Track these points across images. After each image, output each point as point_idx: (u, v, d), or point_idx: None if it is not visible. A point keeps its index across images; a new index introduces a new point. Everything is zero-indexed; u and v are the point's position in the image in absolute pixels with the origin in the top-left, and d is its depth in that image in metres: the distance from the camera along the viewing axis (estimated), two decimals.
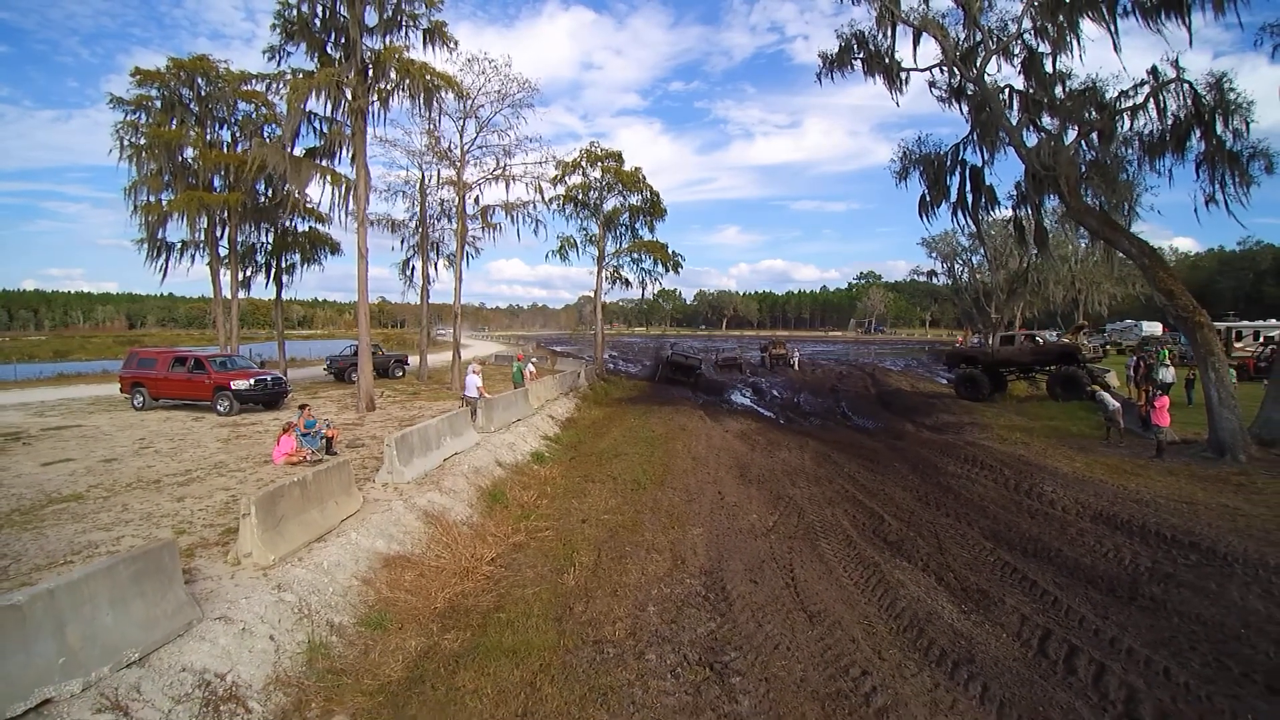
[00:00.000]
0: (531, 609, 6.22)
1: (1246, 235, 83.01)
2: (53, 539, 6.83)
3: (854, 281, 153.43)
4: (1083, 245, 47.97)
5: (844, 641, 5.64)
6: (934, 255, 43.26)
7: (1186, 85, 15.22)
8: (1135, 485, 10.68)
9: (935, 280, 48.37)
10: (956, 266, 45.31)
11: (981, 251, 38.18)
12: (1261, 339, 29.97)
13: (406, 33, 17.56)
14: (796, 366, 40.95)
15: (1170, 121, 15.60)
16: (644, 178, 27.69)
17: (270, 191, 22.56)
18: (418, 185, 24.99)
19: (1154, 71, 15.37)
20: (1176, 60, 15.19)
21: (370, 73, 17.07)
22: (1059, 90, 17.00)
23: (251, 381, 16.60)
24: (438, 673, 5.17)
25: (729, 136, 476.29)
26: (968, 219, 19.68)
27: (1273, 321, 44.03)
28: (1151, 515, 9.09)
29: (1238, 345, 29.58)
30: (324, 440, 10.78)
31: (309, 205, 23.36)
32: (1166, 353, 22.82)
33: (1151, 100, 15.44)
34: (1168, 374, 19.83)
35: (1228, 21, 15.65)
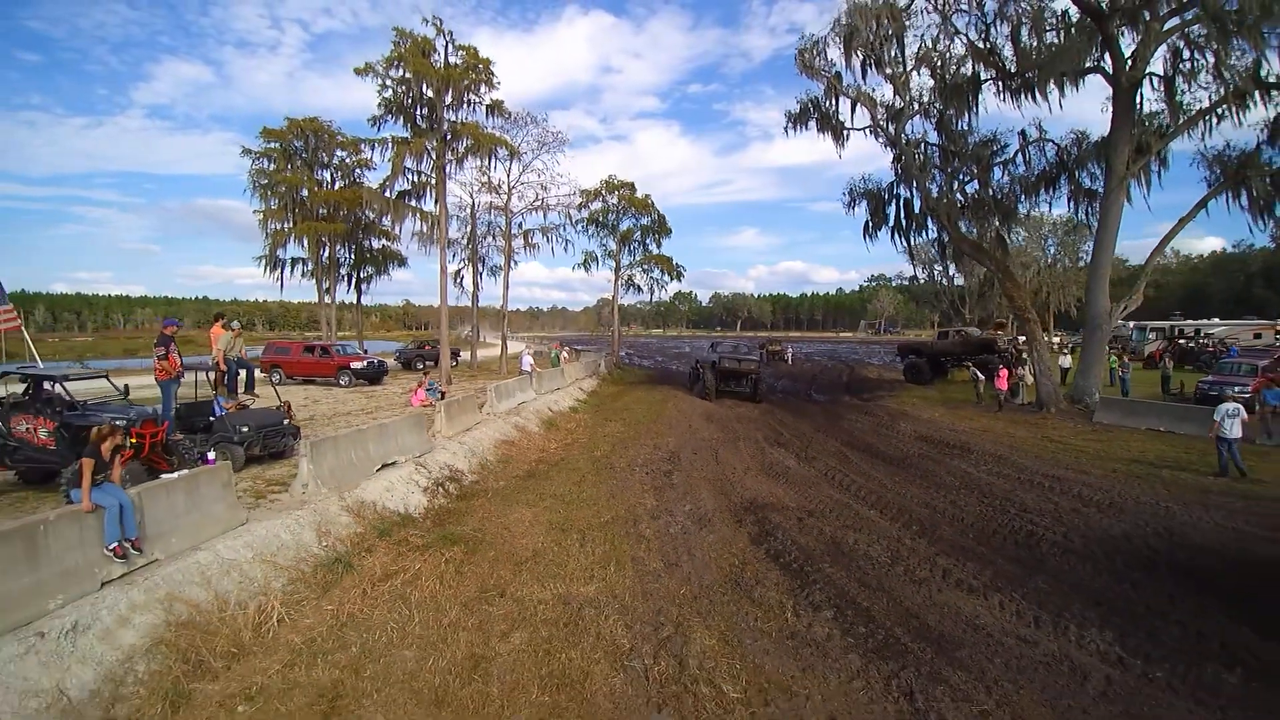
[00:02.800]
0: (578, 461, 12.30)
1: (1240, 239, 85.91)
2: (351, 423, 13.07)
3: (864, 284, 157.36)
4: (1050, 253, 53.26)
5: (729, 469, 11.60)
6: (914, 262, 48.61)
7: (1050, 143, 20.81)
8: (962, 424, 16.39)
9: (917, 284, 53.69)
10: (935, 272, 50.69)
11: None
12: (1167, 335, 35.05)
13: (473, 108, 23.91)
14: (790, 361, 46.52)
15: (1039, 169, 21.19)
16: (653, 203, 33.79)
17: (363, 221, 29.16)
18: (469, 211, 31.43)
19: (1023, 133, 20.98)
20: (1040, 124, 20.79)
21: (449, 139, 23.42)
22: (971, 139, 22.61)
23: (364, 363, 22.99)
24: (537, 475, 11.26)
25: (747, 138, 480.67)
26: (903, 240, 25.30)
27: (1216, 321, 48.57)
28: (950, 435, 14.83)
29: (1150, 339, 34.55)
30: (440, 393, 17.00)
31: (383, 228, 30.00)
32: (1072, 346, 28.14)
33: (1020, 154, 21.05)
34: (1065, 360, 25.31)
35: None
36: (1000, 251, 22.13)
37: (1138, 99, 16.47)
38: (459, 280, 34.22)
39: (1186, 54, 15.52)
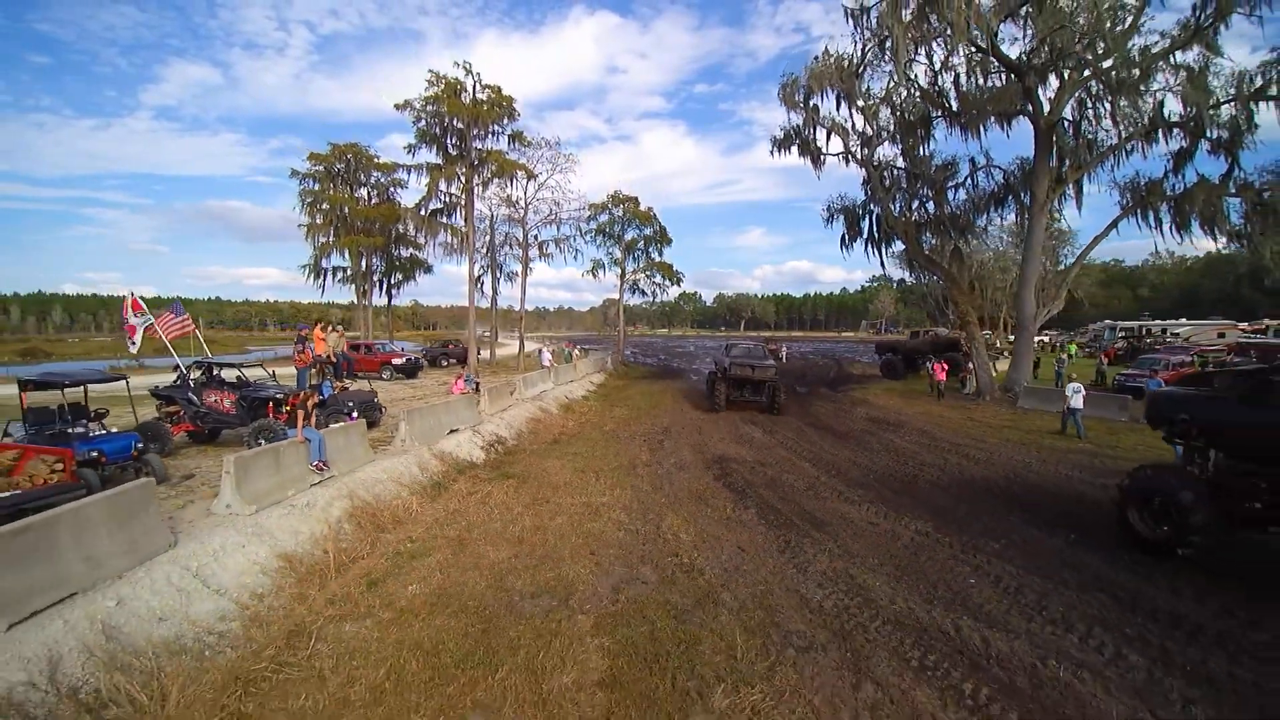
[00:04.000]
0: (591, 433, 15.76)
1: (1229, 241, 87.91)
2: (407, 406, 16.56)
3: (866, 285, 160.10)
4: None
5: (708, 438, 15.02)
6: (901, 265, 51.82)
7: (997, 168, 24.05)
8: (909, 409, 19.69)
9: (905, 286, 56.81)
10: (922, 277, 53.79)
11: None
12: (1135, 334, 38.04)
13: (497, 137, 27.44)
14: (784, 359, 49.77)
15: (989, 191, 24.41)
16: (655, 215, 37.22)
17: (395, 233, 32.79)
18: (489, 223, 35.00)
19: (972, 160, 24.22)
20: (987, 152, 24.02)
21: (476, 165, 26.94)
22: (934, 162, 25.85)
23: (404, 359, 26.55)
24: (560, 441, 14.71)
25: (753, 138, 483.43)
26: (875, 252, 28.54)
27: (1183, 321, 51.39)
28: (895, 417, 18.15)
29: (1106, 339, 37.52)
30: (476, 384, 20.47)
31: (412, 239, 33.61)
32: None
33: (970, 179, 24.29)
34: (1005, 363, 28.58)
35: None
36: (957, 263, 25.41)
37: (1054, 138, 19.67)
38: (479, 285, 37.95)
39: (1090, 103, 18.73)
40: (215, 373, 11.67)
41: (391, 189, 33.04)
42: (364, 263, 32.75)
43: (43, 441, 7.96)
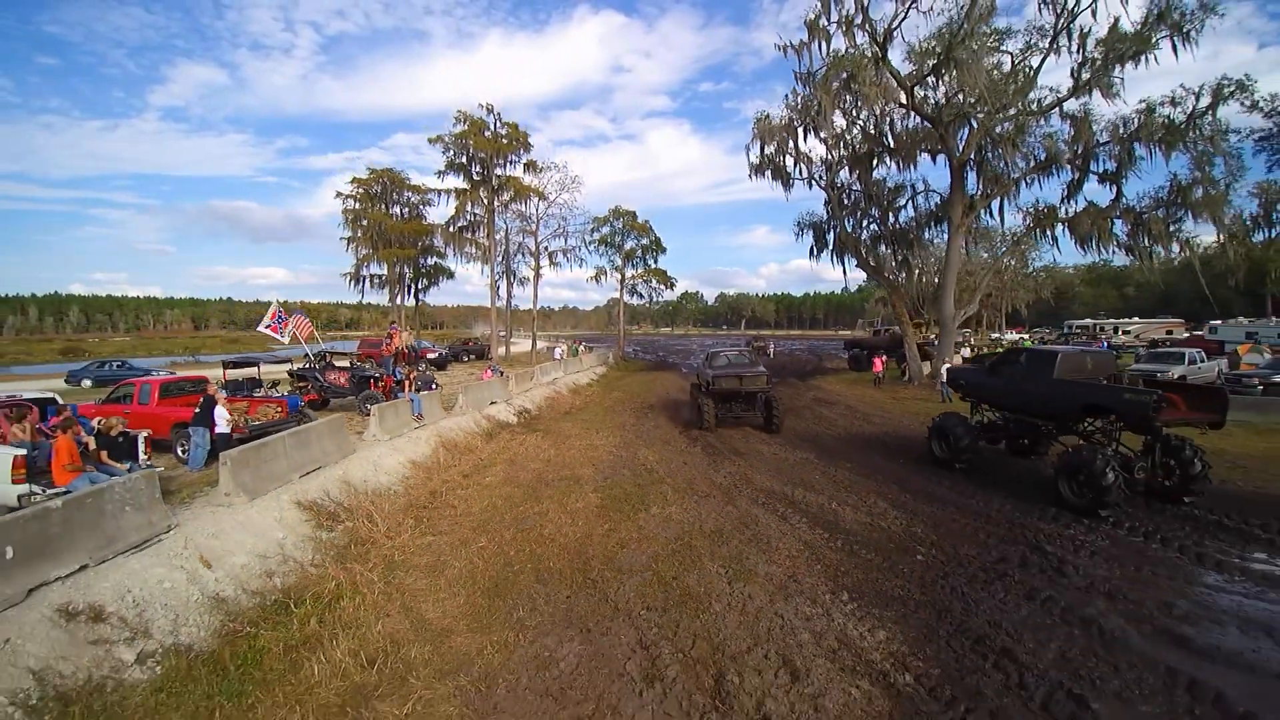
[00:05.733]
0: (594, 409, 20.61)
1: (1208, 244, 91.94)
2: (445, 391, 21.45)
3: (863, 285, 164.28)
4: (1001, 258, 60.57)
5: (681, 411, 19.83)
6: (846, 277, 56.51)
7: (935, 192, 28.69)
8: (850, 392, 24.41)
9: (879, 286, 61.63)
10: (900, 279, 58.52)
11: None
12: (1090, 331, 42.70)
13: (513, 165, 32.32)
14: (771, 355, 54.45)
15: (927, 211, 29.04)
16: (652, 228, 42.08)
17: (423, 245, 37.75)
18: (504, 235, 39.91)
19: (912, 186, 28.87)
20: (924, 178, 28.73)
21: (496, 189, 31.83)
22: (887, 185, 30.49)
23: (436, 354, 31.49)
24: (572, 413, 19.57)
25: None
26: (838, 261, 33.21)
27: (1135, 320, 55.73)
28: (835, 398, 22.89)
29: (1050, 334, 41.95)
30: (500, 372, 25.35)
31: (437, 249, 38.56)
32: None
33: (910, 202, 28.94)
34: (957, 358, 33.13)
35: None
36: (905, 271, 30.11)
37: (966, 173, 24.30)
38: (492, 289, 42.91)
39: (992, 147, 23.37)
40: (330, 359, 16.56)
41: (421, 206, 38.03)
42: (397, 271, 37.74)
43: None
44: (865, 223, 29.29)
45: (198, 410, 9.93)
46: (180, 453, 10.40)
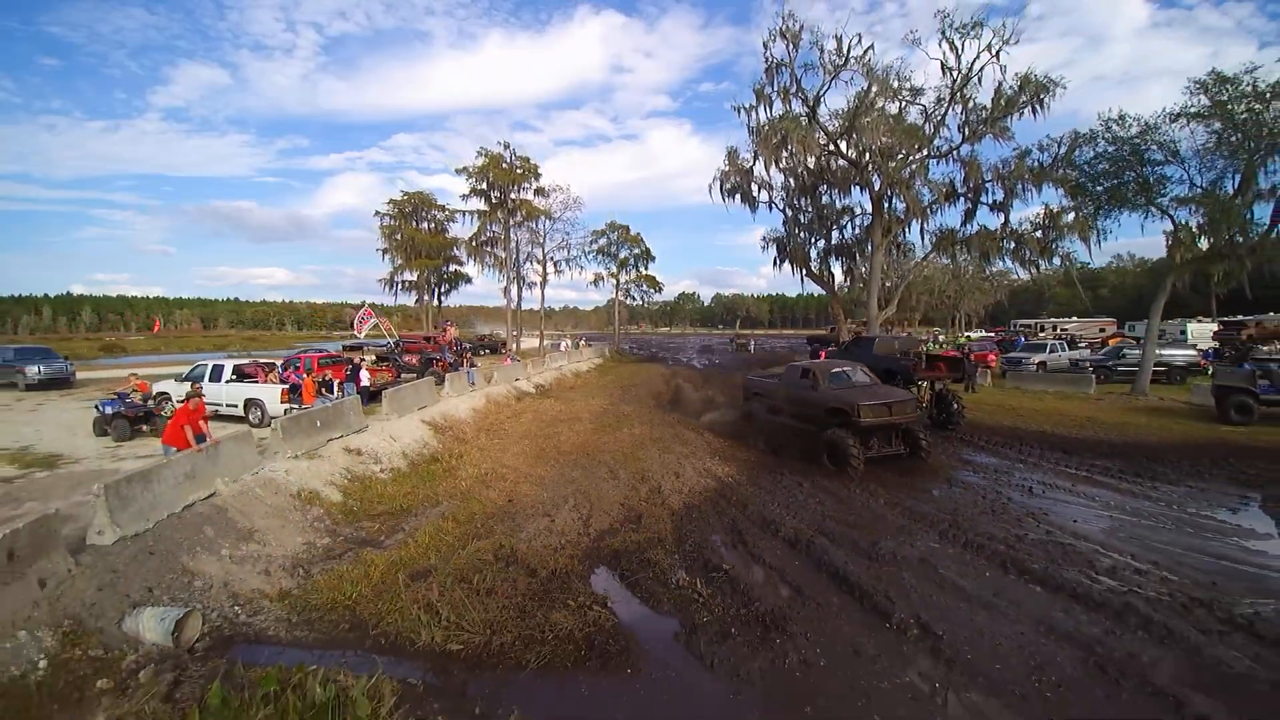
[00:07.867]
0: (592, 387, 27.25)
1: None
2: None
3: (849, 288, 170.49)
4: (962, 264, 67.18)
5: (657, 389, 26.45)
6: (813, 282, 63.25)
7: (869, 215, 35.24)
8: None
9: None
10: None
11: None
12: (1023, 328, 49.03)
13: (526, 191, 38.85)
14: (752, 351, 61.03)
15: (864, 230, 35.56)
16: (642, 239, 48.69)
17: (447, 255, 44.39)
18: (514, 246, 46.52)
19: (850, 209, 35.40)
20: (860, 204, 35.20)
21: (511, 210, 38.40)
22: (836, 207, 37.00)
23: (469, 347, 38.02)
24: (575, 388, 26.19)
25: None
26: (797, 271, 39.71)
27: (1073, 319, 62.20)
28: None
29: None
30: (517, 359, 31.93)
31: (458, 258, 45.21)
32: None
33: (849, 223, 35.44)
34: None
35: None
36: (851, 279, 36.66)
37: (884, 202, 30.81)
38: (506, 293, 49.58)
39: (901, 185, 29.90)
40: (404, 347, 23.12)
41: (445, 222, 44.63)
42: (425, 277, 44.36)
43: None
44: (814, 239, 35.83)
45: (348, 372, 16.50)
46: (336, 396, 16.97)
